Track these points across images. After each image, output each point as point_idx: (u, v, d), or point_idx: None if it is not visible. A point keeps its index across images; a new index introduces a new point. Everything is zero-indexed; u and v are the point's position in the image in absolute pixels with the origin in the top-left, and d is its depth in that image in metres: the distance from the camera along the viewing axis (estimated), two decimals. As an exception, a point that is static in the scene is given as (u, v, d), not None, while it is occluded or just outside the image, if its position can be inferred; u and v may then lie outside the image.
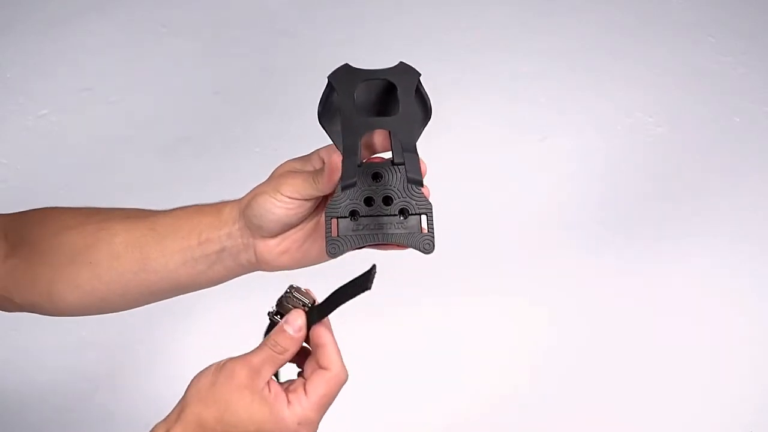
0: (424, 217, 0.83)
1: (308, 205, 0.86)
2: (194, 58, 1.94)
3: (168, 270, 0.91)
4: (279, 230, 0.87)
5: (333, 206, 0.83)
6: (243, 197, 0.89)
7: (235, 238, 0.89)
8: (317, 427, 0.78)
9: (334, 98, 0.84)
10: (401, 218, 0.83)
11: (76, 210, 0.97)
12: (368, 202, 0.83)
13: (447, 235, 1.73)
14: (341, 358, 0.80)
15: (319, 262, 0.88)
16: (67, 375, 1.53)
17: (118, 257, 0.91)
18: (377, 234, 0.83)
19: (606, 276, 1.70)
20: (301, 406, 0.78)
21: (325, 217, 0.83)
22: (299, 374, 0.83)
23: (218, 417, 0.78)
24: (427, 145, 0.89)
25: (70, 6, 1.98)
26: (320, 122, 0.85)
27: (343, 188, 0.80)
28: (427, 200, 0.84)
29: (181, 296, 0.95)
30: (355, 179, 0.79)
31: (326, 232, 0.83)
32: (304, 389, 0.78)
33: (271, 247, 0.88)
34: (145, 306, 0.96)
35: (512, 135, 1.86)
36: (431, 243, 0.82)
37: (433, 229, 0.83)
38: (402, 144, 0.81)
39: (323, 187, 0.84)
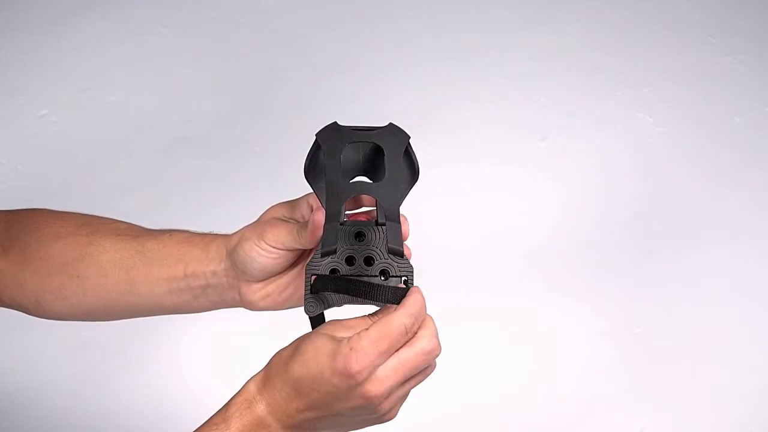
0: (404, 280, 0.82)
1: (291, 254, 0.86)
2: (194, 58, 1.94)
3: (153, 295, 0.91)
4: (263, 277, 0.87)
5: (314, 263, 0.82)
6: (231, 236, 0.89)
7: (220, 276, 0.89)
8: (373, 365, 0.73)
9: (321, 156, 0.82)
10: (382, 279, 0.82)
11: (67, 217, 0.97)
12: (350, 261, 0.83)
13: (446, 236, 1.73)
14: (416, 308, 0.76)
15: (301, 305, 0.87)
16: (67, 375, 1.53)
17: (105, 275, 0.91)
18: (356, 295, 0.82)
19: (604, 276, 1.70)
20: (357, 335, 0.74)
21: (306, 273, 0.83)
22: None
23: (292, 349, 0.77)
24: (426, 145, 0.89)
25: (69, 6, 1.98)
26: (306, 178, 0.83)
27: (323, 255, 0.79)
28: (409, 263, 0.82)
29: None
30: (335, 246, 0.79)
31: (305, 289, 0.83)
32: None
33: (254, 290, 0.88)
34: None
35: (512, 135, 1.86)
36: None
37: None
38: (385, 212, 0.80)
39: (306, 243, 0.84)
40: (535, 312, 1.65)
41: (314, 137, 0.82)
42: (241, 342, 1.55)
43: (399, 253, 0.80)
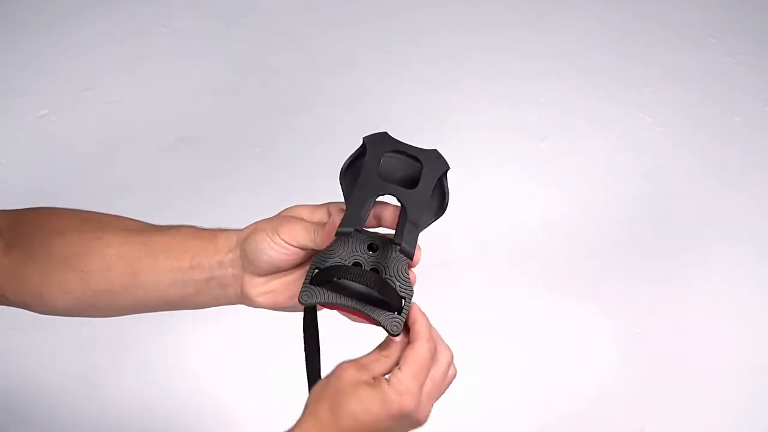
0: (402, 300, 0.83)
1: (302, 253, 0.87)
2: (194, 58, 1.94)
3: (157, 288, 0.91)
4: (268, 270, 0.88)
5: (322, 257, 0.84)
6: (244, 228, 0.89)
7: (225, 267, 0.89)
8: (419, 398, 0.83)
9: (360, 162, 0.84)
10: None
11: (72, 213, 0.97)
12: (356, 266, 0.84)
13: (446, 236, 1.73)
14: (429, 331, 0.85)
15: (298, 310, 0.89)
16: (67, 375, 1.53)
17: (109, 269, 0.91)
18: (352, 300, 0.83)
19: (604, 276, 1.70)
20: (396, 378, 0.82)
21: (311, 264, 0.84)
22: None
23: (329, 406, 0.82)
24: (427, 145, 0.89)
25: (70, 6, 1.98)
26: (340, 178, 0.85)
27: (338, 234, 0.80)
28: (411, 287, 0.84)
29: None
30: (352, 229, 0.79)
31: (305, 278, 0.84)
32: (399, 366, 0.84)
33: (256, 284, 0.89)
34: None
35: (512, 135, 1.86)
36: (399, 326, 0.83)
37: (407, 312, 0.84)
38: (408, 217, 0.81)
39: (320, 242, 0.85)
40: (534, 312, 1.65)
41: (361, 140, 0.84)
42: (242, 344, 1.55)
43: (409, 255, 0.80)
